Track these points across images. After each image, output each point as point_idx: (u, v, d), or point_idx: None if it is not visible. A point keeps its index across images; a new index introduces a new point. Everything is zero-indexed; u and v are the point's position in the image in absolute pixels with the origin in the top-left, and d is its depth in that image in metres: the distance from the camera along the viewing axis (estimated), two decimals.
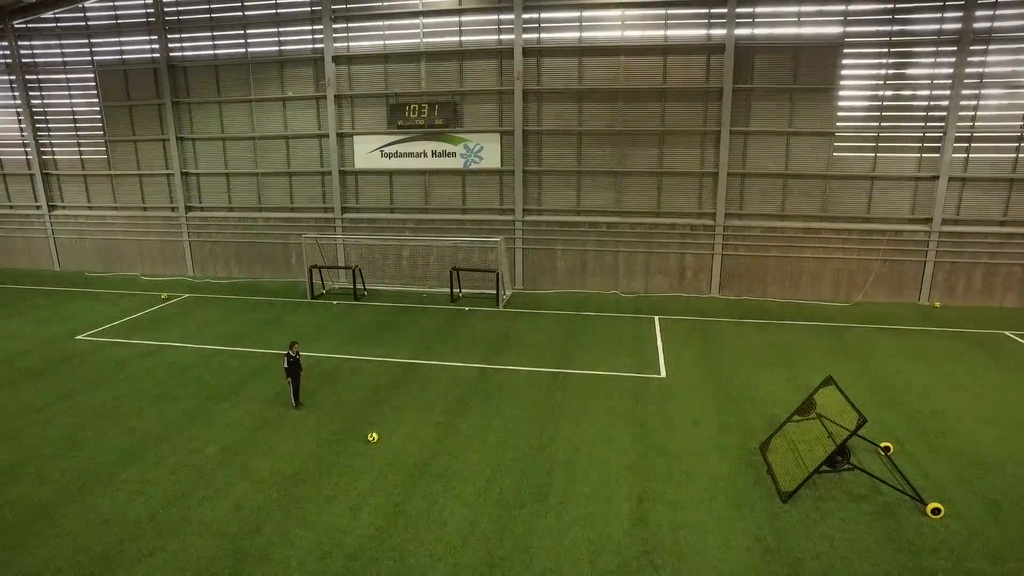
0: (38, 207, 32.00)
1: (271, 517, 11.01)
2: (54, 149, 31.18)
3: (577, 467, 12.44)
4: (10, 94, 30.89)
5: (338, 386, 16.72)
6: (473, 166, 26.55)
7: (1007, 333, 20.58)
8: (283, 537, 10.47)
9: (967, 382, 16.57)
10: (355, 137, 27.47)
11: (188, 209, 30.17)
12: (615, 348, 19.36)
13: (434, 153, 26.78)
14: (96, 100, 29.81)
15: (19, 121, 31.27)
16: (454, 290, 25.58)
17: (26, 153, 31.47)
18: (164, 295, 26.64)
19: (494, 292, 24.52)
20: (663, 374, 17.24)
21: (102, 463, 12.91)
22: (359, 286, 26.48)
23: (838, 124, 23.46)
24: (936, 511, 10.55)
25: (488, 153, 26.26)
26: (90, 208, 31.49)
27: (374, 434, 13.81)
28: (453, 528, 10.62)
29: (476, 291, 26.03)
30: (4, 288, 28.70)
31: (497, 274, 24.31)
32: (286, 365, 15.13)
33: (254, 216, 29.43)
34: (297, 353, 15.34)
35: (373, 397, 16.00)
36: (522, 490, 11.69)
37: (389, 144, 27.15)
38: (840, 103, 23.27)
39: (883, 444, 12.72)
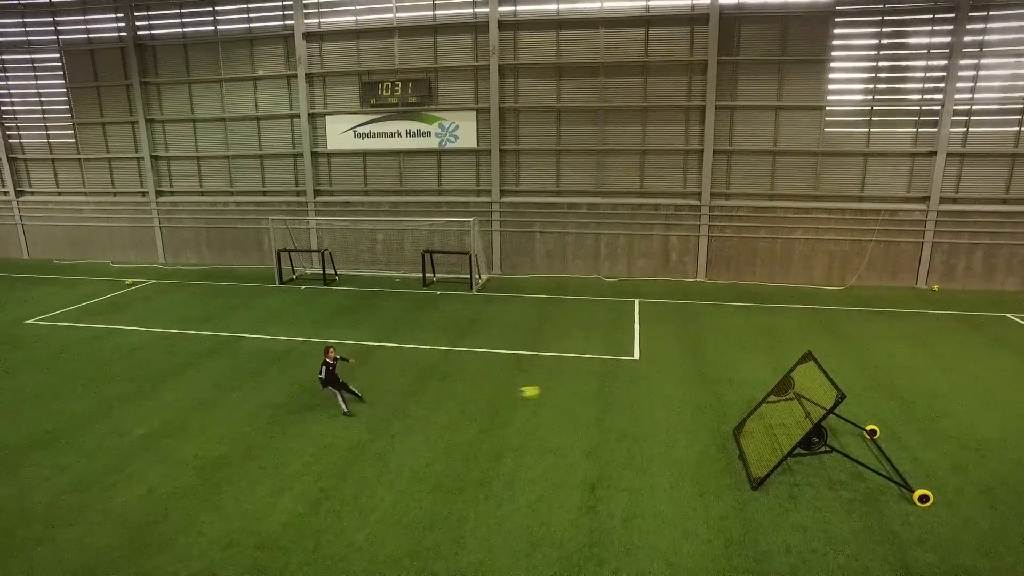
0: (5, 193, 30.98)
1: (182, 504, 9.90)
2: (20, 133, 30.16)
3: (529, 452, 11.29)
4: None
5: (288, 369, 15.62)
6: (448, 146, 25.42)
7: (1009, 316, 19.35)
8: (190, 525, 9.35)
9: (964, 364, 15.35)
10: (327, 117, 26.37)
11: (159, 194, 29.12)
12: (588, 331, 18.20)
13: (408, 133, 25.67)
14: (63, 82, 28.78)
15: None
16: (427, 275, 24.45)
17: None
18: (128, 281, 25.59)
19: (469, 276, 23.38)
20: (636, 356, 16.07)
21: (12, 447, 11.81)
22: (330, 271, 25.38)
23: (829, 98, 22.25)
24: (924, 499, 9.35)
25: (464, 132, 25.13)
26: (59, 194, 30.47)
27: (531, 389, 13.77)
28: (379, 516, 9.48)
29: (452, 276, 24.91)
30: None
31: (470, 256, 23.16)
32: (322, 375, 12.95)
33: (225, 200, 28.36)
34: (335, 360, 13.11)
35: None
36: (463, 476, 10.54)
37: (362, 124, 26.05)
38: (832, 75, 22.07)
39: (869, 427, 11.53)
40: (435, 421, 12.58)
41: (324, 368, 13.00)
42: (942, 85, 21.39)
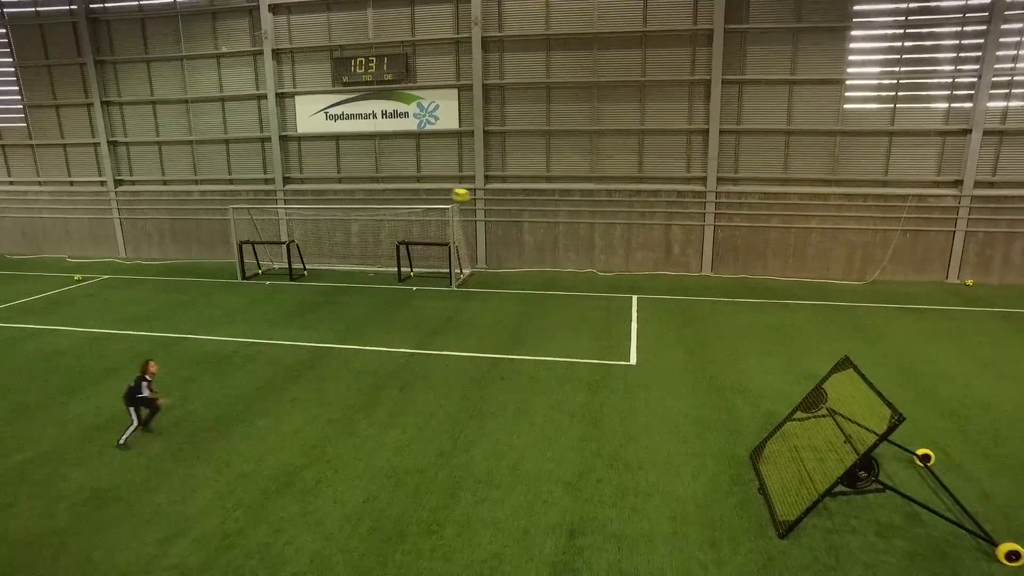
0: None
1: (45, 553, 7.63)
2: None
3: (495, 483, 9.00)
4: None
5: (225, 375, 13.34)
6: (428, 127, 23.12)
7: None
8: None
9: (1015, 370, 13.03)
10: (297, 98, 24.09)
11: (118, 183, 26.86)
12: (578, 331, 15.91)
13: (384, 114, 23.37)
14: (11, 60, 26.52)
15: None
16: (404, 269, 22.16)
17: None
18: (77, 277, 23.32)
19: (449, 271, 21.08)
20: (633, 361, 13.77)
21: None
22: (297, 265, 23.12)
23: (850, 70, 19.89)
24: (1013, 556, 7.02)
25: (444, 112, 22.82)
26: (11, 183, 28.23)
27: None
28: (291, 572, 7.21)
29: (431, 270, 22.61)
30: None
31: (449, 248, 20.85)
32: (141, 394, 10.39)
33: (189, 190, 26.10)
34: (149, 382, 10.52)
35: (264, 388, 12.62)
36: (408, 516, 8.26)
37: (334, 105, 23.76)
38: (852, 45, 19.71)
39: (920, 451, 9.21)
40: (385, 442, 10.29)
41: (144, 384, 10.39)
42: (979, 54, 19.02)
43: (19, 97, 26.91)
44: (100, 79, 25.66)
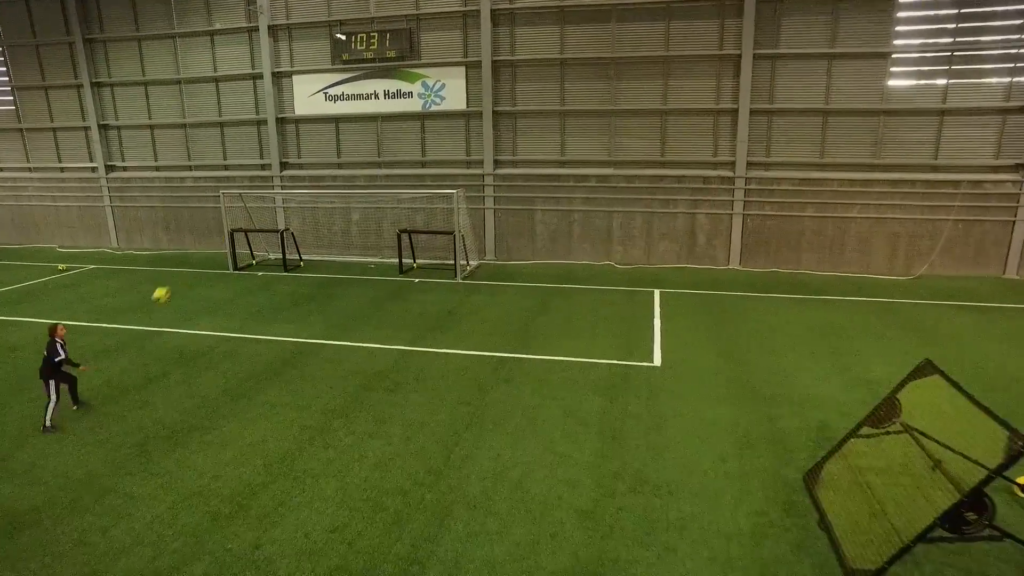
0: None
1: None
2: None
3: (493, 510, 7.36)
4: None
5: (194, 374, 11.81)
6: (434, 108, 21.50)
7: None
8: None
9: None
10: (294, 77, 22.58)
11: (109, 169, 25.53)
12: (594, 327, 14.22)
13: (387, 94, 21.79)
14: None
15: None
16: (406, 260, 20.56)
17: None
18: (61, 267, 22.01)
19: (454, 262, 19.45)
20: (657, 362, 12.06)
21: None
22: (293, 256, 21.62)
23: (897, 42, 17.98)
24: None
25: (451, 91, 21.19)
26: (1, 170, 27.01)
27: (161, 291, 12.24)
28: None
29: (436, 262, 20.98)
30: None
31: (454, 237, 19.22)
32: (60, 357, 9.71)
33: (182, 176, 24.71)
34: (63, 344, 9.82)
35: (235, 388, 11.07)
36: (383, 550, 6.64)
37: (334, 84, 22.22)
38: (900, 13, 17.80)
39: (1021, 479, 7.43)
40: (366, 455, 8.68)
41: (60, 347, 9.72)
42: None
43: (7, 78, 25.65)
44: (90, 58, 24.34)
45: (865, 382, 10.84)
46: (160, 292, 13.43)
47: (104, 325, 15.11)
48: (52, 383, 9.64)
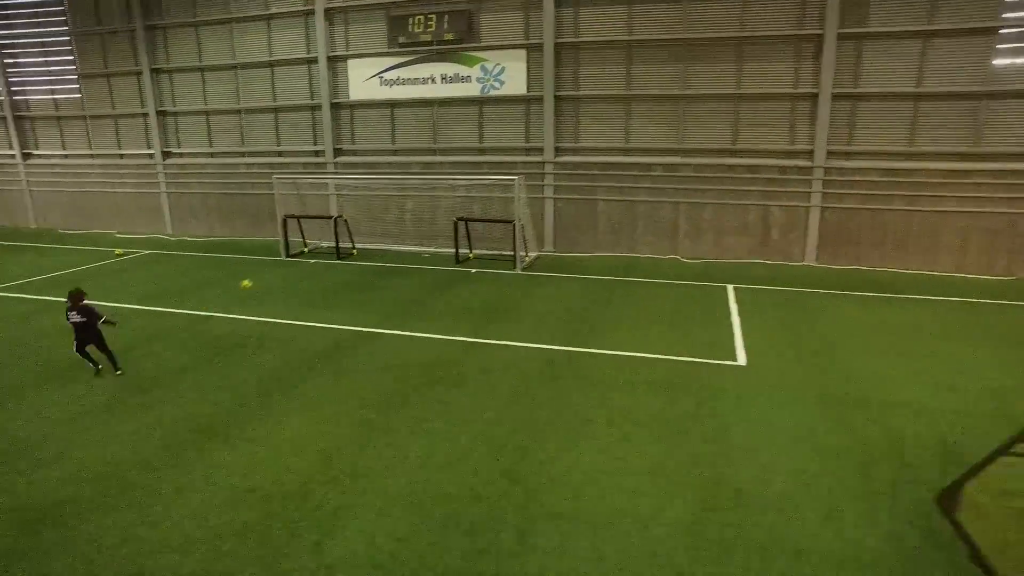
0: (11, 155, 28.10)
1: None
2: (26, 88, 27.16)
3: (582, 522, 6.47)
4: None
5: (242, 360, 11.27)
6: (492, 92, 20.69)
7: None
8: None
9: None
10: (349, 61, 22.07)
11: (165, 155, 25.55)
12: (667, 322, 13.20)
13: (444, 78, 21.08)
14: (66, 28, 25.52)
15: None
16: (462, 249, 19.82)
17: None
18: (118, 251, 22.00)
19: (513, 252, 18.63)
20: (742, 360, 10.98)
21: None
22: (346, 244, 21.13)
23: (1004, 15, 16.35)
24: None
25: (511, 75, 20.34)
26: (65, 156, 27.37)
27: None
28: None
29: (494, 252, 20.17)
30: None
31: (514, 226, 18.39)
32: (102, 318, 10.60)
33: (235, 162, 24.53)
34: (74, 310, 10.43)
35: (289, 376, 10.48)
36: (460, 570, 5.82)
37: (390, 69, 21.62)
38: None
39: None
40: (432, 453, 7.91)
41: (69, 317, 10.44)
42: None
43: (74, 67, 25.91)
44: (150, 45, 24.35)
45: (990, 392, 9.56)
46: (246, 283, 15.81)
47: (153, 308, 14.81)
48: (95, 347, 10.48)
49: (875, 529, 6.33)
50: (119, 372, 10.61)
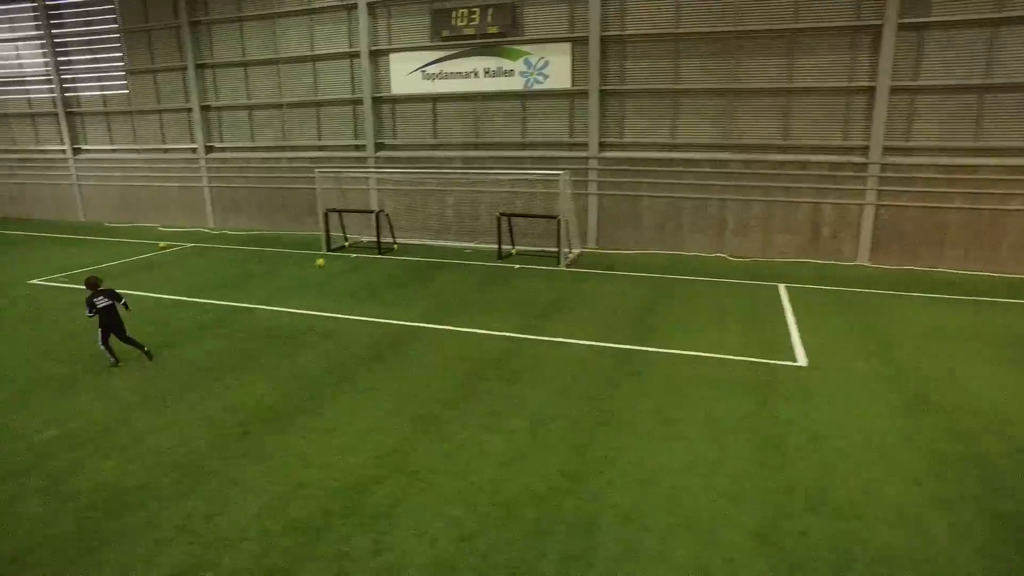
0: (63, 150, 28.76)
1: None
2: (76, 84, 27.73)
3: (648, 524, 6.18)
4: (32, 23, 27.69)
5: (293, 352, 11.21)
6: (536, 87, 20.41)
7: None
8: None
9: None
10: (391, 55, 22.00)
11: (208, 149, 25.85)
12: (721, 321, 12.78)
13: (487, 72, 20.87)
14: (116, 25, 25.97)
15: (44, 55, 28.00)
16: (504, 245, 19.59)
17: (50, 90, 28.22)
18: (162, 244, 22.32)
19: (556, 248, 18.35)
20: (802, 361, 10.54)
21: None
22: (387, 239, 21.08)
23: None
24: None
25: (555, 69, 20.04)
26: (113, 151, 27.88)
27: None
28: None
29: (536, 249, 19.88)
30: (7, 235, 25.59)
31: (558, 221, 18.10)
32: (89, 314, 10.50)
33: (277, 157, 24.68)
34: (99, 295, 10.55)
35: (337, 370, 10.37)
36: (523, 570, 5.58)
37: (432, 63, 21.48)
38: None
39: None
40: (487, 451, 7.70)
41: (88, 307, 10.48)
42: None
43: (122, 63, 26.37)
44: (194, 41, 24.63)
45: None
46: (320, 261, 17.69)
47: (198, 300, 14.88)
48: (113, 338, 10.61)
49: (970, 543, 5.90)
50: (149, 358, 10.75)
